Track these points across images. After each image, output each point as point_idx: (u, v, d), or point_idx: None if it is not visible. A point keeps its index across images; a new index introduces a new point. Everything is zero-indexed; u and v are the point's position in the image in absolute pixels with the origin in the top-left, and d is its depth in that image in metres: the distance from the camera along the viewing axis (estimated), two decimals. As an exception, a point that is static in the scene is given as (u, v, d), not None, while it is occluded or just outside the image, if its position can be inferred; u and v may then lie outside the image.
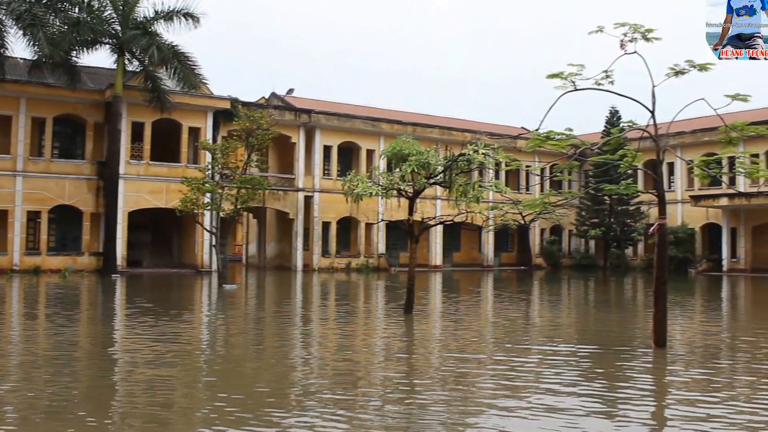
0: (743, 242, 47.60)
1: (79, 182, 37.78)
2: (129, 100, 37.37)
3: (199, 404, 8.34)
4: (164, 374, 9.98)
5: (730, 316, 20.98)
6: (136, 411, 7.86)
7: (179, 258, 42.23)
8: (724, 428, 7.29)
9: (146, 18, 36.70)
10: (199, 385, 9.52)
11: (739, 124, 12.53)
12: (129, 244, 38.31)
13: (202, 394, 8.98)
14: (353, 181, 17.88)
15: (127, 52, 36.72)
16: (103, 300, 23.30)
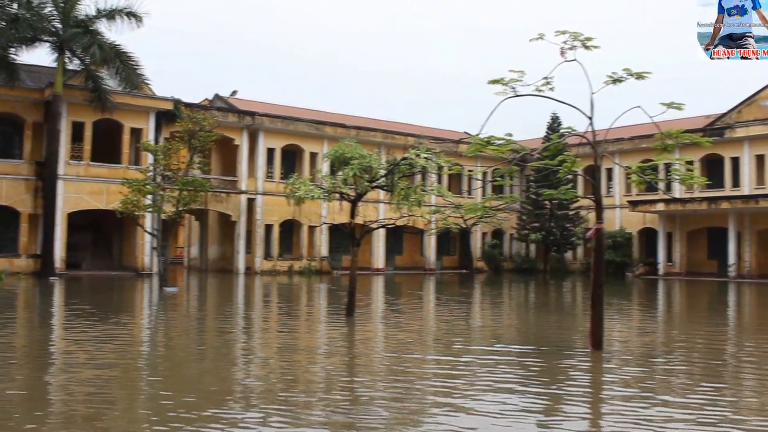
0: (678, 246, 48.91)
1: (17, 182, 36.97)
2: (69, 99, 36.74)
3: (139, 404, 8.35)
4: (105, 375, 9.93)
5: (665, 319, 21.51)
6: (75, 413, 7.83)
7: (120, 260, 41.61)
8: (658, 425, 7.54)
9: (88, 16, 36.14)
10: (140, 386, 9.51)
11: (674, 131, 12.86)
12: (68, 246, 37.59)
13: (143, 394, 8.98)
14: (296, 183, 17.91)
15: (68, 50, 36.09)
16: (40, 303, 22.88)
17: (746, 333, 17.95)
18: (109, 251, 42.30)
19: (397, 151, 40.46)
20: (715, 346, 14.52)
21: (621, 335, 15.70)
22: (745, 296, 31.44)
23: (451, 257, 55.81)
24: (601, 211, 13.03)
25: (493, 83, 12.37)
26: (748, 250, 45.79)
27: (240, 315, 19.90)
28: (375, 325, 17.57)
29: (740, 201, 44.31)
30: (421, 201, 18.05)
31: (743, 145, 46.69)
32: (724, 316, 22.90)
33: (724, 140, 46.47)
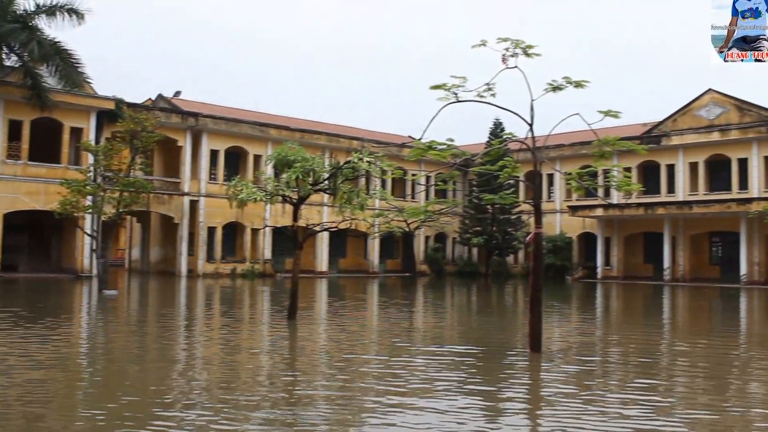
0: (616, 251, 50.12)
1: (-50, 182, 36.07)
2: (6, 96, 35.99)
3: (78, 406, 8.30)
4: (40, 377, 9.82)
5: (603, 321, 21.97)
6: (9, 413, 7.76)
7: (58, 262, 40.84)
8: (594, 423, 7.74)
9: (27, 11, 35.37)
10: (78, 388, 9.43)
11: (611, 139, 13.11)
12: (4, 248, 36.68)
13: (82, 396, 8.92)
14: (238, 186, 17.81)
15: (5, 46, 35.27)
16: (-26, 305, 22.36)
17: (679, 334, 18.50)
18: (47, 253, 41.48)
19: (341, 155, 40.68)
20: (650, 347, 14.88)
21: (560, 337, 15.97)
22: (678, 299, 32.38)
23: (394, 260, 56.08)
24: (540, 216, 13.15)
25: (435, 89, 12.37)
26: (682, 254, 47.21)
27: (181, 318, 19.74)
28: (317, 327, 17.60)
29: (675, 207, 45.67)
30: (364, 204, 18.08)
31: (678, 152, 48.06)
32: (658, 318, 23.47)
33: (660, 148, 47.83)
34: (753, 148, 45.17)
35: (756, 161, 45.16)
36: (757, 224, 42.36)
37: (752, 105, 45.95)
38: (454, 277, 51.22)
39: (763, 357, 13.95)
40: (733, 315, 25.31)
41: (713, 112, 47.04)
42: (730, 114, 46.45)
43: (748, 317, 24.44)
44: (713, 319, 24.13)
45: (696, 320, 23.62)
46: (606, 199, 48.19)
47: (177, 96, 50.66)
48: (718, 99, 47.17)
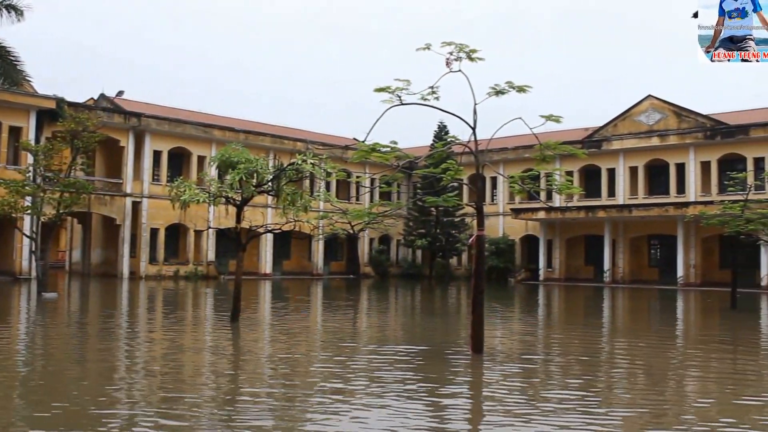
0: (558, 253, 50.93)
1: None
2: (-59, 94, 35.04)
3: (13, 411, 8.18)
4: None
5: (544, 322, 22.30)
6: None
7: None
8: (536, 422, 7.93)
9: (-39, 7, 34.45)
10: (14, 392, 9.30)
11: (552, 143, 13.38)
12: (-63, 249, 35.77)
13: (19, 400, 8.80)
14: (180, 187, 17.68)
15: (-61, 43, 34.31)
16: None
17: (618, 334, 18.91)
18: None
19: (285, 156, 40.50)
20: (590, 347, 15.22)
21: (501, 338, 16.15)
22: (618, 300, 33.07)
23: (338, 262, 56.07)
24: (483, 218, 13.28)
25: (379, 91, 12.44)
26: (622, 256, 48.21)
27: (123, 320, 19.46)
28: (259, 329, 17.57)
29: (615, 210, 46.60)
30: (307, 206, 18.19)
31: (618, 157, 49.05)
32: (598, 319, 23.95)
33: (601, 152, 48.79)
34: (690, 153, 46.36)
35: (693, 166, 46.36)
36: (694, 228, 43.48)
37: (690, 111, 47.16)
38: (398, 279, 51.46)
39: (697, 356, 14.39)
40: (670, 316, 26.00)
41: (652, 118, 48.14)
42: (669, 120, 47.59)
43: (684, 318, 25.13)
44: (650, 319, 24.73)
45: (634, 321, 24.12)
46: (547, 202, 48.97)
47: (120, 96, 49.85)
48: (657, 105, 48.29)
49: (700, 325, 22.94)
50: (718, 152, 45.32)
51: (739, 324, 21.83)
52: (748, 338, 18.16)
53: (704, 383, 11.23)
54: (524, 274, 51.22)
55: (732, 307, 26.04)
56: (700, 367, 12.86)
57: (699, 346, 16.59)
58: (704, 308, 29.13)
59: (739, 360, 14.03)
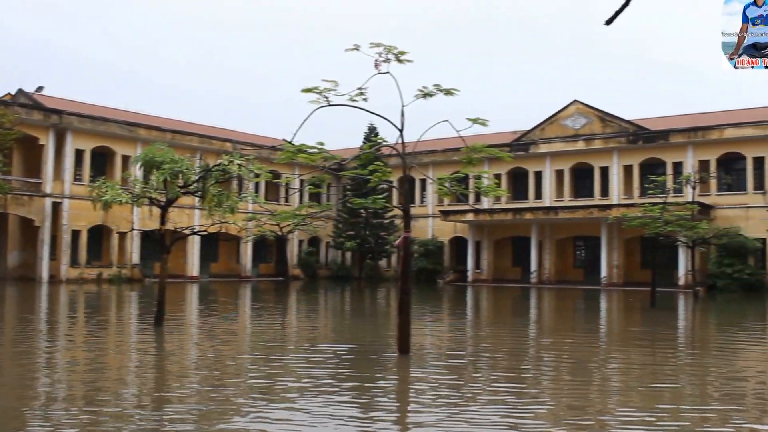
0: (486, 254, 51.55)
1: None
2: None
3: None
4: None
5: (472, 323, 22.51)
6: None
7: None
8: (461, 421, 7.97)
9: None
10: None
11: (479, 146, 13.48)
12: None
13: None
14: (102, 187, 17.33)
15: None
16: None
17: (544, 332, 19.37)
18: None
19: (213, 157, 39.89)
20: (516, 345, 15.50)
21: (429, 338, 16.33)
22: (544, 300, 33.75)
23: (267, 264, 55.62)
24: (409, 220, 13.37)
25: (306, 92, 12.33)
26: (548, 257, 49.13)
27: (41, 325, 18.87)
28: (184, 333, 17.31)
29: (542, 212, 47.53)
30: (234, 208, 18.04)
31: (545, 160, 50.00)
32: (525, 318, 24.35)
33: (528, 155, 49.72)
34: (614, 157, 47.59)
35: (616, 170, 47.62)
36: (617, 229, 44.57)
37: (614, 117, 48.37)
38: (328, 281, 51.44)
39: (618, 352, 14.90)
40: (593, 314, 26.70)
41: (578, 122, 49.17)
42: (594, 124, 48.68)
43: (607, 316, 25.86)
44: (575, 318, 25.37)
45: (559, 320, 24.66)
46: (475, 205, 49.57)
47: (39, 92, 48.29)
48: (583, 110, 49.35)
49: (621, 323, 23.61)
50: (639, 156, 46.70)
51: (657, 321, 22.50)
52: (664, 334, 18.91)
53: (624, 377, 11.60)
54: (453, 275, 51.64)
55: (652, 306, 26.86)
56: (620, 362, 13.29)
57: (619, 342, 17.13)
58: (626, 307, 29.94)
59: (657, 354, 14.59)
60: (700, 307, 29.06)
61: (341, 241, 52.29)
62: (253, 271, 52.93)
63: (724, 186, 44.17)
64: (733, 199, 43.70)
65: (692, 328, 21.75)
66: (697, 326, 22.52)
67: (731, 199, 43.71)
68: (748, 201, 43.09)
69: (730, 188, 44.13)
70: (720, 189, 44.34)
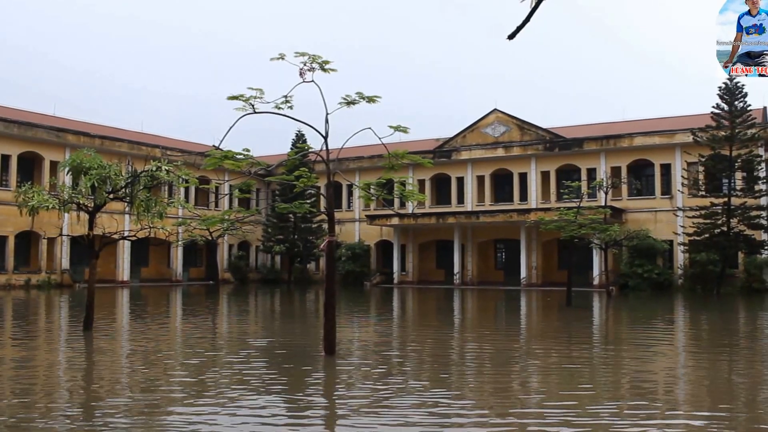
0: (411, 257, 52.91)
1: None
2: None
3: None
4: None
5: (396, 323, 22.97)
6: None
7: None
8: (380, 418, 8.41)
9: None
10: None
11: (401, 152, 14.13)
12: None
13: None
14: (28, 192, 17.50)
15: None
16: None
17: (466, 332, 20.03)
18: None
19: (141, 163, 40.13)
20: (439, 345, 16.09)
21: (355, 339, 16.70)
22: (467, 301, 34.73)
23: (197, 269, 55.91)
24: (333, 224, 13.80)
25: (233, 99, 12.68)
26: (471, 260, 50.68)
27: None
28: (114, 337, 17.38)
29: (464, 216, 49.04)
30: (163, 213, 18.25)
31: (467, 166, 51.70)
32: (448, 318, 25.13)
33: (450, 162, 51.41)
34: (532, 163, 49.57)
35: (534, 175, 49.62)
36: (535, 232, 46.35)
37: (531, 125, 50.36)
38: (258, 285, 51.86)
39: (539, 350, 15.56)
40: (513, 314, 27.81)
41: (498, 130, 50.98)
42: (513, 132, 50.57)
43: (526, 315, 26.93)
44: (495, 317, 26.33)
45: (480, 319, 25.47)
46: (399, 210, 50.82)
47: (-37, 97, 47.84)
48: (503, 118, 51.17)
49: (539, 321, 24.52)
50: (556, 163, 48.80)
51: (572, 319, 23.68)
52: (578, 331, 19.89)
53: (541, 371, 12.24)
54: (379, 277, 52.75)
55: (567, 305, 28.15)
56: (538, 357, 14.00)
57: (537, 339, 17.94)
58: (544, 306, 31.07)
59: (573, 350, 15.31)
60: (613, 305, 30.31)
61: (270, 245, 52.89)
62: (184, 276, 53.17)
63: (634, 191, 46.47)
64: (642, 203, 46.08)
65: (605, 325, 22.70)
66: (610, 323, 23.54)
67: (641, 203, 46.08)
68: (657, 205, 45.53)
69: (639, 193, 46.54)
70: (630, 194, 46.61)
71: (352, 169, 51.80)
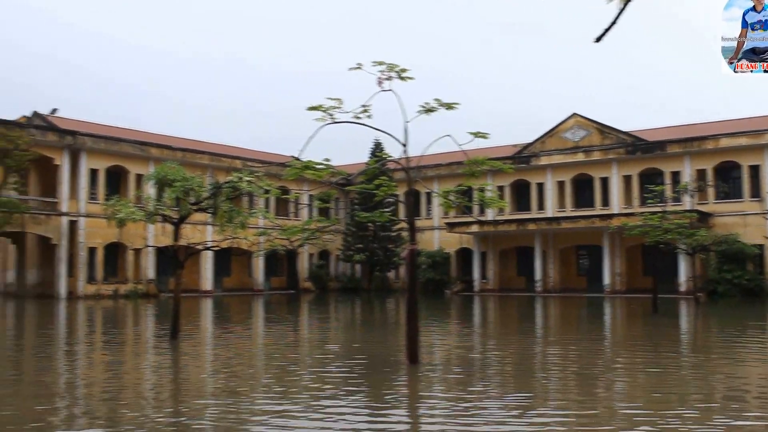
0: (492, 265, 52.34)
1: None
2: None
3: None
4: None
5: (480, 332, 22.69)
6: None
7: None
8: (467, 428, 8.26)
9: None
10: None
11: (481, 159, 13.95)
12: None
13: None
14: (116, 205, 17.91)
15: None
16: None
17: (551, 341, 19.44)
18: None
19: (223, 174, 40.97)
20: (524, 354, 15.72)
21: (438, 348, 16.45)
22: (550, 309, 34.00)
23: (279, 278, 56.51)
24: (414, 233, 13.68)
25: (312, 110, 12.71)
26: (552, 267, 49.86)
27: (60, 340, 19.45)
28: (199, 346, 17.70)
29: (544, 223, 48.38)
30: (245, 223, 18.41)
31: (546, 172, 50.96)
32: (532, 327, 24.65)
33: (530, 168, 50.78)
34: (613, 168, 48.56)
35: (616, 180, 48.60)
36: (618, 238, 45.33)
37: (612, 128, 49.42)
38: (338, 293, 52.03)
39: (625, 357, 15.20)
40: (598, 322, 27.05)
41: (578, 135, 50.19)
42: (593, 136, 49.72)
43: (612, 324, 26.15)
44: (580, 326, 25.68)
45: (565, 328, 24.82)
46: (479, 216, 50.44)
47: (54, 113, 49.58)
48: (582, 122, 50.38)
49: (624, 329, 23.89)
50: (638, 167, 47.66)
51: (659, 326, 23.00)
52: (665, 339, 19.27)
53: (630, 381, 11.87)
54: (460, 285, 52.42)
55: (654, 312, 27.40)
56: (626, 367, 13.54)
57: (624, 348, 17.40)
58: (628, 313, 30.31)
59: (660, 358, 14.81)
60: (702, 312, 29.44)
61: (350, 254, 53.19)
62: (265, 285, 53.84)
63: (721, 194, 44.87)
64: (730, 206, 44.53)
65: (694, 333, 22.01)
66: (699, 330, 22.82)
67: (729, 207, 44.54)
68: (746, 208, 43.96)
69: (727, 196, 44.90)
70: (718, 197, 45.07)
71: (431, 177, 51.64)
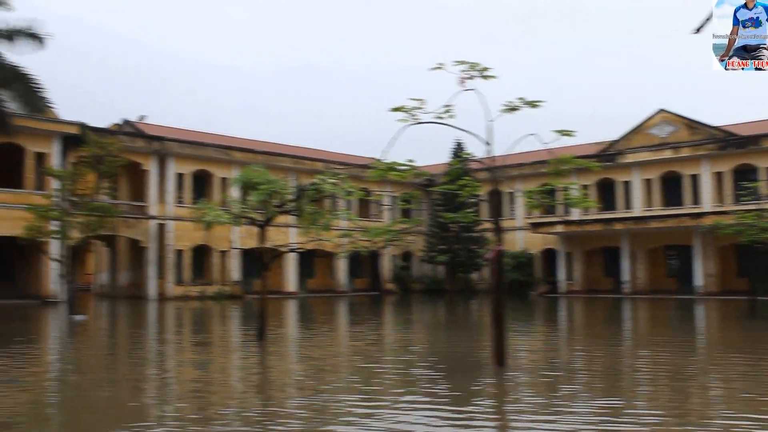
0: (578, 265, 51.24)
1: None
2: (-33, 123, 35.95)
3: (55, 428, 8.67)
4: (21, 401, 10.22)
5: (566, 335, 22.11)
6: None
7: (24, 288, 40.62)
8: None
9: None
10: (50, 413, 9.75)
11: (567, 157, 13.55)
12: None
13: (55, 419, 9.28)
14: (204, 208, 18.13)
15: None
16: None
17: (641, 345, 18.62)
18: (11, 279, 41.34)
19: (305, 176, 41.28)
20: (613, 358, 15.17)
21: (524, 351, 16.10)
22: (639, 311, 32.89)
23: (362, 279, 56.69)
24: (500, 233, 13.46)
25: (395, 111, 12.63)
26: (640, 267, 48.47)
27: (152, 341, 19.87)
28: (286, 347, 17.76)
29: (632, 222, 47.06)
30: (328, 225, 18.32)
31: (632, 170, 49.61)
32: (620, 330, 23.78)
33: (615, 165, 49.45)
34: (703, 164, 46.86)
35: (706, 177, 46.89)
36: (710, 237, 43.71)
37: (701, 123, 47.74)
38: (421, 295, 51.79)
39: (720, 365, 14.33)
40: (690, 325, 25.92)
41: (665, 131, 48.66)
42: (681, 132, 48.11)
43: (706, 327, 24.98)
44: (672, 329, 24.51)
45: (655, 331, 23.72)
46: (565, 216, 49.45)
47: (142, 120, 51.00)
48: (669, 118, 48.83)
49: (718, 332, 22.96)
50: (730, 163, 45.86)
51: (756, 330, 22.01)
52: (764, 343, 18.36)
53: (726, 386, 11.38)
54: (545, 287, 51.59)
55: (751, 315, 26.29)
56: (721, 372, 12.95)
57: (717, 350, 16.80)
58: (723, 316, 29.20)
59: (759, 362, 14.14)
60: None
61: (433, 255, 52.89)
62: (349, 286, 54.10)
63: (821, 190, 42.79)
64: (831, 203, 42.31)
65: None
66: None
67: (830, 203, 42.33)
68: None
69: (829, 192, 42.77)
70: (817, 193, 42.92)
71: (514, 176, 50.82)
